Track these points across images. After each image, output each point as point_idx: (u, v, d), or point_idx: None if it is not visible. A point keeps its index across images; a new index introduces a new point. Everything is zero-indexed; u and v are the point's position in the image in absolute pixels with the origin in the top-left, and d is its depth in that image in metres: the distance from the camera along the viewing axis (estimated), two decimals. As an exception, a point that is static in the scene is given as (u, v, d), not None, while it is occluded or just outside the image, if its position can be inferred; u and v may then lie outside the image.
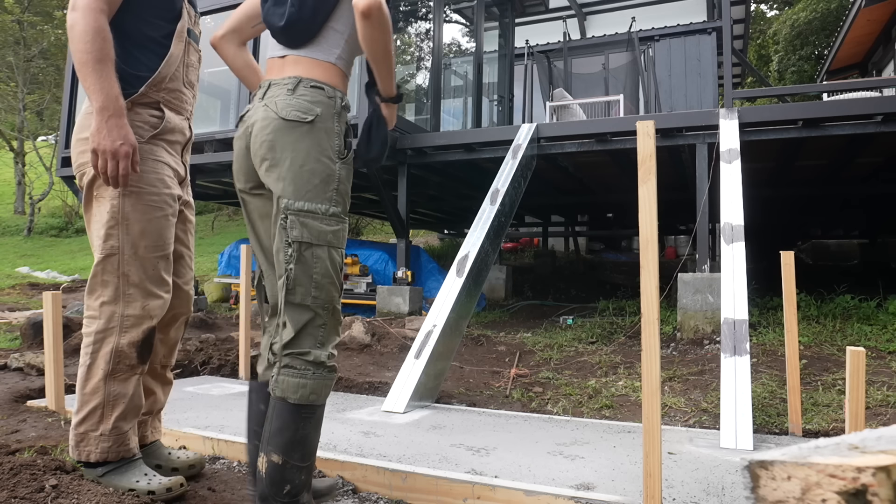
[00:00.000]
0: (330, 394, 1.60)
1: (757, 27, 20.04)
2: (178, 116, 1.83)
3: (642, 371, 1.60)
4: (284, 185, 1.50)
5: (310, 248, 1.49)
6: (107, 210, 1.67)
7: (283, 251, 1.50)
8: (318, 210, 1.51)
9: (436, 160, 6.21)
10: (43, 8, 19.97)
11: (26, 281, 10.77)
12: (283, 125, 1.51)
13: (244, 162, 1.63)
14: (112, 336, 1.68)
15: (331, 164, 1.53)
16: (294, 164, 1.50)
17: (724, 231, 3.52)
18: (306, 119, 1.51)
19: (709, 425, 2.75)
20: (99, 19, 1.58)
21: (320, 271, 1.51)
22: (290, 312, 1.50)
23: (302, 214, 1.49)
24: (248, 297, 3.62)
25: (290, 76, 1.56)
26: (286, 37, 1.60)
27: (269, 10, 1.62)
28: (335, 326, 1.56)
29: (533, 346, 4.54)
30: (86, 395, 1.70)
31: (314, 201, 1.50)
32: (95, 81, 1.56)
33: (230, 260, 8.20)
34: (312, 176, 1.51)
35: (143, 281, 1.70)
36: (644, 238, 1.62)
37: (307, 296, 1.50)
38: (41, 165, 19.51)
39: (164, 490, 1.72)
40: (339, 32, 1.60)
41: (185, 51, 1.82)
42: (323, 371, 1.51)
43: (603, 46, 9.17)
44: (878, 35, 11.13)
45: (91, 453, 1.70)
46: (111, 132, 1.58)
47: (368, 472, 1.96)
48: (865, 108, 4.63)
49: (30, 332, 4.52)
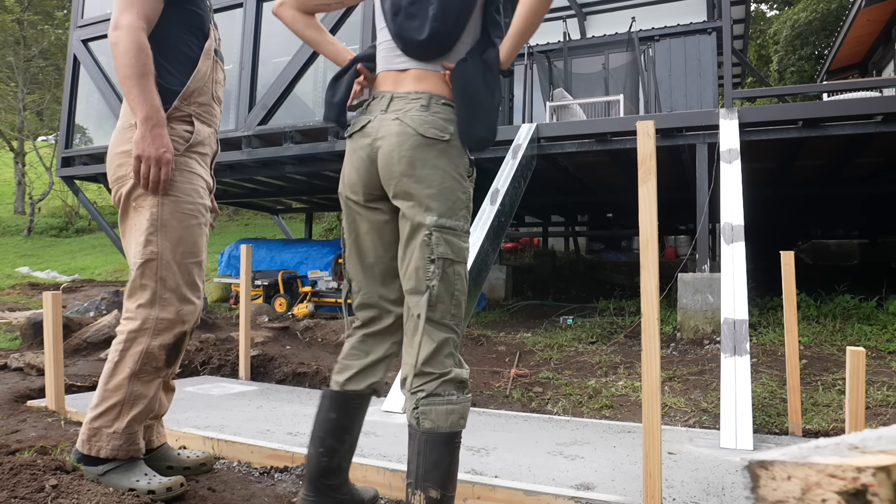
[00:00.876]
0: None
1: (757, 27, 20.05)
2: (208, 129, 1.92)
3: (642, 371, 1.60)
4: (429, 202, 1.48)
5: (452, 265, 1.49)
6: (146, 218, 1.74)
7: (425, 268, 1.47)
8: (458, 227, 1.51)
9: (436, 160, 6.20)
10: (43, 8, 19.98)
11: (26, 281, 10.77)
12: (422, 142, 1.49)
13: (367, 175, 1.57)
14: (144, 337, 1.74)
15: (464, 182, 1.54)
16: (436, 181, 1.49)
17: (724, 231, 3.52)
18: (444, 138, 1.50)
19: (709, 425, 2.75)
20: (141, 37, 1.70)
21: (460, 288, 1.51)
22: (431, 330, 1.47)
23: (446, 231, 1.49)
24: (248, 297, 3.62)
25: (418, 91, 1.53)
26: (425, 51, 1.55)
27: (403, 23, 1.55)
28: (459, 342, 1.53)
29: (533, 346, 4.54)
30: (108, 390, 1.73)
31: (455, 219, 1.50)
32: (139, 94, 1.68)
33: (230, 260, 8.20)
34: (451, 193, 1.50)
35: (180, 286, 1.78)
36: (644, 238, 1.62)
37: (447, 314, 1.49)
38: (41, 165, 19.53)
39: (165, 489, 1.74)
40: (465, 45, 1.56)
41: (212, 68, 1.91)
42: (466, 392, 1.49)
43: (603, 46, 9.16)
44: (878, 35, 11.14)
45: (101, 449, 1.72)
46: (155, 140, 1.68)
47: (368, 472, 1.96)
48: (865, 108, 4.63)
49: (30, 332, 4.51)
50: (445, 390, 1.45)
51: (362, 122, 1.58)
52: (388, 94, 1.56)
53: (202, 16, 1.89)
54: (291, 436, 2.34)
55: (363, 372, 1.62)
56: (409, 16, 1.54)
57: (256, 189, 8.31)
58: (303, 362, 3.95)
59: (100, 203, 17.48)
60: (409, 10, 1.54)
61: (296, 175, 6.85)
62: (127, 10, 1.70)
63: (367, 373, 1.63)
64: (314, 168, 6.40)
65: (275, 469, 2.08)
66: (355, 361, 1.63)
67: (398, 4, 1.56)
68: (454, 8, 1.51)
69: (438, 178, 1.49)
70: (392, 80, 1.57)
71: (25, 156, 20.17)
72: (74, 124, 7.62)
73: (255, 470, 2.10)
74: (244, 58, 6.31)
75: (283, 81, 6.06)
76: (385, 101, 1.55)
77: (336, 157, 6.10)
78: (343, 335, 4.90)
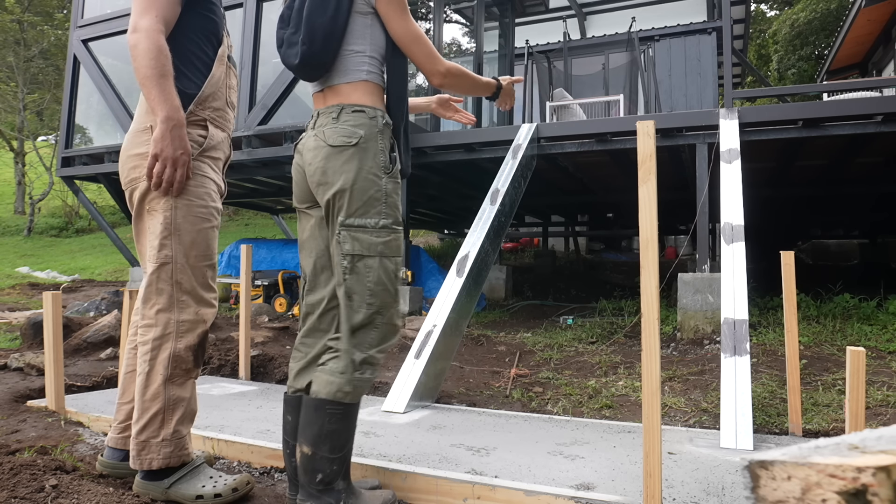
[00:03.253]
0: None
1: (757, 27, 20.05)
2: (222, 133, 1.93)
3: (642, 371, 1.60)
4: (338, 205, 1.64)
5: (361, 259, 1.64)
6: (160, 221, 1.75)
7: (340, 264, 1.64)
8: (368, 224, 1.64)
9: (436, 160, 6.21)
10: (43, 8, 19.98)
11: (26, 281, 10.77)
12: (331, 151, 1.64)
13: (301, 185, 1.78)
14: (169, 342, 1.74)
15: (377, 180, 1.66)
16: (345, 184, 1.63)
17: (724, 231, 3.52)
18: (351, 143, 1.64)
19: (709, 425, 2.75)
20: (159, 39, 1.71)
21: (373, 280, 1.64)
22: (347, 316, 1.64)
23: (353, 229, 1.63)
24: (247, 297, 3.62)
25: (333, 104, 1.70)
26: (305, 74, 1.73)
27: (285, 52, 1.74)
28: (388, 332, 1.69)
29: (533, 346, 4.54)
30: (146, 401, 1.73)
31: (364, 217, 1.64)
32: (159, 94, 1.68)
33: (230, 260, 8.20)
34: (362, 193, 1.64)
35: (195, 288, 1.79)
36: (644, 238, 1.62)
37: (362, 304, 1.64)
38: (41, 165, 19.53)
39: (230, 491, 1.76)
40: (358, 52, 1.70)
41: (226, 73, 1.93)
42: (360, 372, 1.64)
43: (603, 46, 9.16)
44: (878, 35, 11.14)
45: (154, 460, 1.73)
46: (174, 141, 1.69)
47: (368, 471, 1.96)
48: (865, 108, 4.63)
49: (30, 332, 4.51)
50: (337, 365, 1.63)
51: (298, 139, 1.80)
52: (316, 112, 1.75)
53: (217, 21, 1.90)
54: (291, 436, 2.33)
55: (303, 370, 1.75)
56: (289, 45, 1.72)
57: (256, 189, 8.31)
58: (303, 362, 3.94)
59: (100, 203, 17.49)
60: (290, 39, 1.72)
61: (296, 175, 6.85)
62: (146, 12, 1.71)
63: (307, 371, 1.74)
64: (314, 168, 6.40)
65: (275, 469, 2.08)
66: (296, 363, 1.78)
67: (282, 37, 1.75)
68: (320, 29, 1.64)
69: (350, 180, 1.63)
70: (320, 100, 1.76)
71: (25, 156, 20.17)
72: (74, 124, 7.62)
73: (255, 470, 2.10)
74: (244, 58, 6.32)
75: (283, 81, 6.06)
76: (313, 120, 1.74)
77: (336, 157, 6.10)
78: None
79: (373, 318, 1.64)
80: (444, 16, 8.61)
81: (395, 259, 1.69)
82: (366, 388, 1.66)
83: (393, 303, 1.69)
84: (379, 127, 1.68)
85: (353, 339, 1.63)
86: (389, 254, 1.67)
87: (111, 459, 1.92)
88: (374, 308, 1.64)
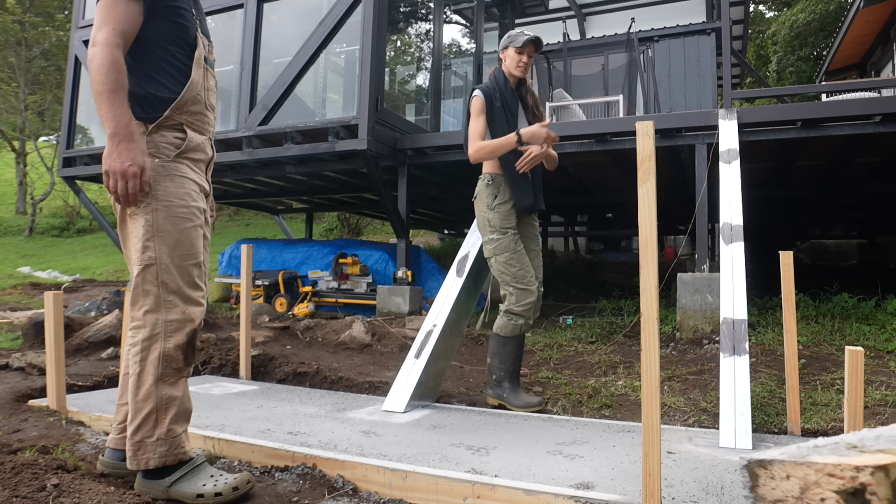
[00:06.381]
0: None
1: (756, 28, 20.05)
2: (201, 136, 1.94)
3: (642, 370, 1.61)
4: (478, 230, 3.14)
5: (488, 259, 3.04)
6: (142, 224, 1.77)
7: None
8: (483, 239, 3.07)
9: (436, 160, 6.21)
10: (44, 9, 19.97)
11: (28, 281, 10.76)
12: (475, 202, 3.11)
13: None
14: (158, 342, 1.76)
15: (488, 211, 3.01)
16: (476, 218, 3.12)
17: (723, 231, 3.52)
18: (476, 195, 3.11)
19: (708, 425, 2.75)
20: (115, 53, 1.71)
21: (497, 269, 2.99)
22: (502, 290, 2.99)
23: (483, 242, 3.09)
24: (248, 296, 3.63)
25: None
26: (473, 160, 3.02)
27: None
28: (521, 293, 2.94)
29: (533, 345, 4.55)
30: (139, 402, 1.75)
31: (483, 235, 3.07)
32: (108, 109, 1.69)
33: (231, 260, 8.20)
34: (479, 221, 3.09)
35: (182, 288, 1.80)
36: (644, 238, 1.63)
37: (499, 281, 2.97)
38: (42, 166, 19.52)
39: (231, 490, 1.77)
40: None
41: (203, 76, 1.93)
42: (506, 318, 2.97)
43: (602, 47, 9.16)
44: (876, 36, 11.14)
45: (150, 460, 1.74)
46: (121, 155, 1.69)
47: (369, 471, 1.97)
48: (864, 109, 4.63)
49: (31, 331, 4.52)
50: (498, 316, 3.06)
51: None
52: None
53: (186, 26, 1.89)
54: (292, 435, 2.34)
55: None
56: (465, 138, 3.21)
57: (257, 189, 8.31)
58: (303, 362, 3.95)
59: (101, 203, 17.47)
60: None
61: (296, 175, 6.85)
62: (103, 25, 1.71)
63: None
64: (314, 168, 6.41)
65: (275, 468, 2.09)
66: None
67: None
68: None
69: (476, 216, 3.16)
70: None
71: (27, 156, 20.17)
72: (76, 125, 7.62)
73: (256, 469, 2.10)
74: (245, 58, 6.31)
75: (283, 82, 6.06)
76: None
77: (336, 157, 6.10)
78: (343, 335, 4.90)
79: (507, 290, 2.96)
80: (444, 16, 8.62)
81: (507, 253, 2.95)
82: (512, 330, 2.96)
83: (513, 275, 2.93)
84: (487, 182, 3.04)
85: (505, 300, 2.96)
86: (499, 252, 2.97)
87: (112, 459, 1.93)
88: (504, 282, 2.96)
